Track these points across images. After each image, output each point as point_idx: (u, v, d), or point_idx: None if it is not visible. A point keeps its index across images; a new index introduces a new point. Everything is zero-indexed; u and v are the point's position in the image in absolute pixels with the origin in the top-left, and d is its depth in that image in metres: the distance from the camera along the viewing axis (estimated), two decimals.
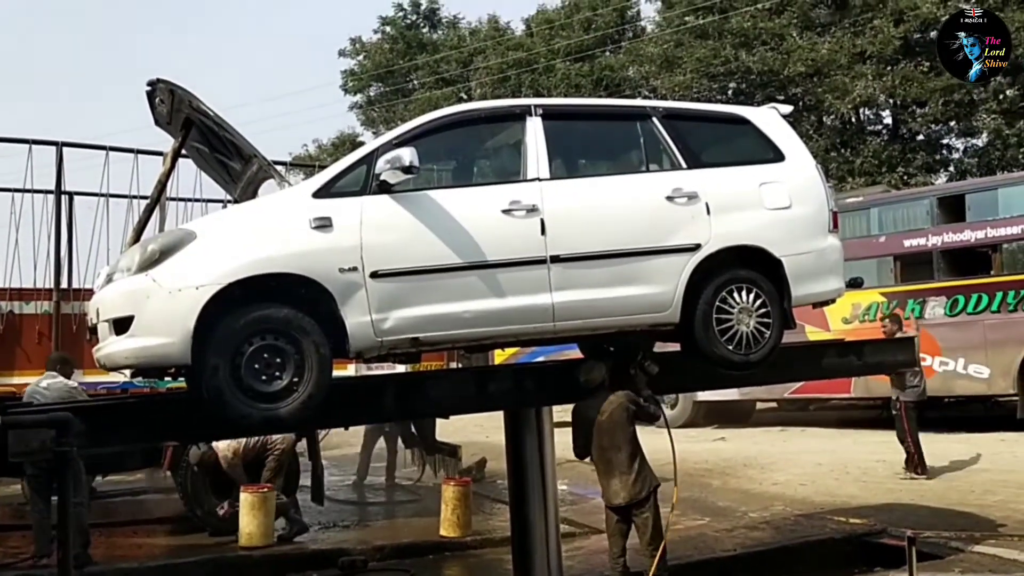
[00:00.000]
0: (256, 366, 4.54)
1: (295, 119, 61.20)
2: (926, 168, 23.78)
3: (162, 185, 5.99)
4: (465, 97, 29.66)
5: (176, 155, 5.77)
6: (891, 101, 24.36)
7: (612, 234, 5.25)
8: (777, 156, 5.88)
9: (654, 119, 5.72)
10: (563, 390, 5.99)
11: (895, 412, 10.79)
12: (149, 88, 5.49)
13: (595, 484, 6.32)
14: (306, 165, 16.77)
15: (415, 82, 34.13)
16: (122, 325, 4.54)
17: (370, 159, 4.97)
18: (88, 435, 4.68)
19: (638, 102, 11.09)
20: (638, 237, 5.31)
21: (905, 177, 22.70)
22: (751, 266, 5.55)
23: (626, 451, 5.82)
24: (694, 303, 5.36)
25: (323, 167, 5.87)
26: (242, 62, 71.65)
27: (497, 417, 6.91)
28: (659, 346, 6.27)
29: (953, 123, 24.17)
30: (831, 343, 8.97)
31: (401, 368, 8.16)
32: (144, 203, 6.64)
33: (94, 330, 4.90)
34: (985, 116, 22.54)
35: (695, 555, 7.48)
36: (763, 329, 5.49)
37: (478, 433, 14.20)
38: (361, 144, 16.88)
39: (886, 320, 11.22)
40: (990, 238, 13.26)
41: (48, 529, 7.41)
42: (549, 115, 5.45)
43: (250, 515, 8.33)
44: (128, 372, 5.06)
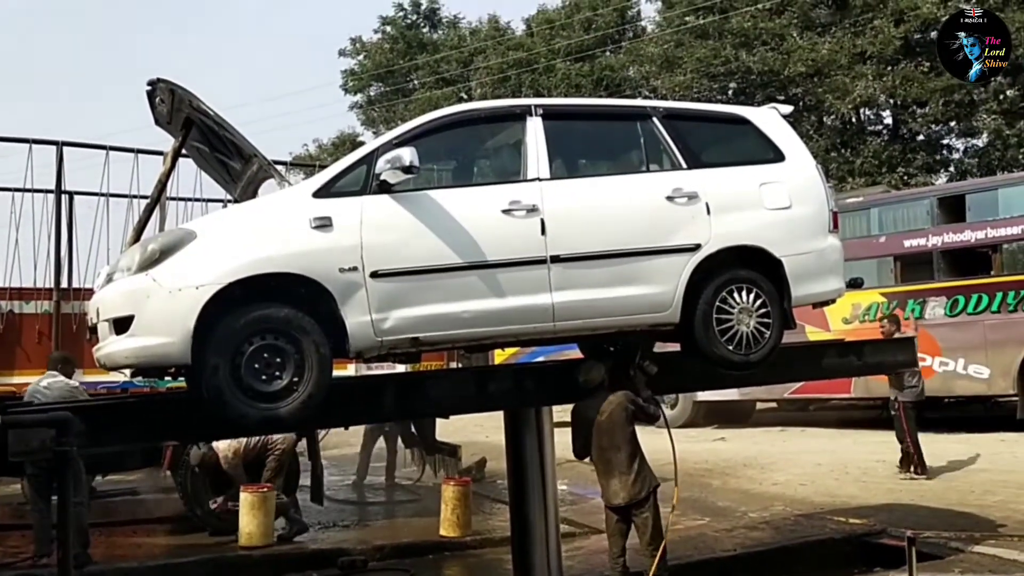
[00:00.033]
0: (256, 366, 4.54)
1: (295, 119, 61.27)
2: (926, 168, 23.78)
3: (162, 185, 5.99)
4: (465, 97, 29.66)
5: (176, 155, 5.77)
6: (891, 101, 24.35)
7: (612, 234, 5.25)
8: (777, 156, 5.88)
9: (654, 119, 5.72)
10: (563, 390, 5.99)
11: (894, 412, 10.80)
12: (149, 88, 5.49)
13: (595, 484, 6.32)
14: (306, 165, 16.76)
15: (415, 82, 34.11)
16: (122, 325, 4.55)
17: (370, 159, 4.97)
18: (88, 435, 4.68)
19: (638, 102, 11.07)
20: (638, 237, 5.30)
21: (905, 177, 22.69)
22: (751, 266, 5.55)
23: (625, 451, 5.82)
24: (694, 303, 5.36)
25: (323, 167, 5.87)
26: (242, 62, 71.75)
27: (497, 417, 6.91)
28: (659, 346, 6.27)
29: (953, 123, 24.17)
30: (831, 343, 8.95)
31: (401, 368, 8.16)
32: (144, 203, 6.65)
33: (94, 330, 4.91)
34: (985, 116, 22.55)
35: (695, 555, 7.48)
36: (763, 329, 5.49)
37: (478, 433, 14.19)
38: (361, 144, 16.82)
39: (884, 321, 11.22)
40: (990, 238, 13.26)
41: (48, 529, 7.40)
42: (549, 115, 5.45)
43: (250, 515, 8.32)
44: (128, 372, 5.06)
